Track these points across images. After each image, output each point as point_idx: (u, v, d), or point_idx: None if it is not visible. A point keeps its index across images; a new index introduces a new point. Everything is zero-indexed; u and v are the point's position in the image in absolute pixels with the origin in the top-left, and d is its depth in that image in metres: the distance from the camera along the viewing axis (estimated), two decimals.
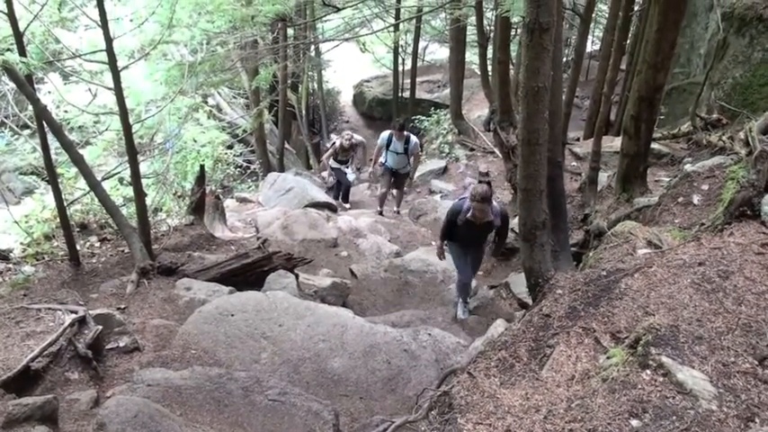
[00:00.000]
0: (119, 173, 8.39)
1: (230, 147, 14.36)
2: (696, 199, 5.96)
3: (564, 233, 6.72)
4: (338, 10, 9.67)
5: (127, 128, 6.87)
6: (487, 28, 15.87)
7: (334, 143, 13.49)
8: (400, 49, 23.11)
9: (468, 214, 6.59)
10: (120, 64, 6.72)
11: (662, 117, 11.70)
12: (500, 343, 3.99)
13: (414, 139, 11.53)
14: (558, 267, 5.32)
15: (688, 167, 6.70)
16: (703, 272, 3.75)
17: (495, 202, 6.66)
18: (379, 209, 12.45)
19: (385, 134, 11.58)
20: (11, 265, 7.41)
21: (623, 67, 14.51)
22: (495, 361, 3.75)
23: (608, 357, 3.27)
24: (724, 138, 7.73)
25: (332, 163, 13.36)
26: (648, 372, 3.01)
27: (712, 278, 3.67)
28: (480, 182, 6.77)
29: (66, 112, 8.93)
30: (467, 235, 6.97)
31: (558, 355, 3.51)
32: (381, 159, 11.75)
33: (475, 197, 6.40)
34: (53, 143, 7.14)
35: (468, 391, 3.49)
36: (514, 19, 9.91)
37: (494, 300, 7.99)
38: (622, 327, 3.49)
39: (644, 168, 7.90)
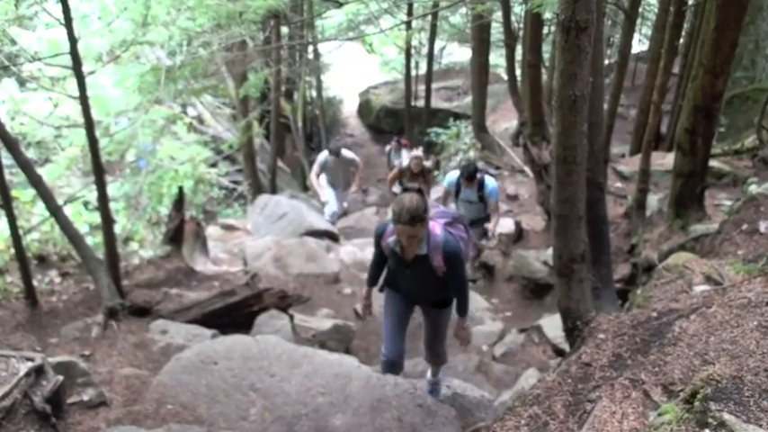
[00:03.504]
0: (83, 196, 8.45)
1: (214, 165, 14.47)
2: (763, 226, 5.96)
3: (606, 267, 6.71)
4: (340, 5, 9.71)
5: (93, 143, 6.92)
6: (516, 25, 15.96)
7: (398, 163, 12.47)
8: (413, 51, 23.30)
9: (392, 240, 5.18)
10: (85, 68, 6.79)
11: (722, 130, 11.74)
12: (532, 397, 3.98)
13: (491, 184, 9.79)
14: (599, 307, 5.31)
15: (753, 189, 6.71)
16: None
17: (438, 229, 5.11)
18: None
19: (452, 177, 10.09)
20: None
21: (676, 71, 14.56)
22: (526, 419, 3.75)
23: (659, 414, 3.26)
24: None
25: (396, 188, 12.21)
26: (708, 431, 3.00)
27: None
28: (406, 190, 5.02)
29: (22, 124, 9.03)
30: (401, 277, 5.51)
31: (600, 412, 3.50)
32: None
33: (398, 215, 4.78)
34: (7, 161, 7.20)
35: None
36: (547, 15, 9.99)
37: (524, 346, 7.97)
38: (676, 378, 3.48)
39: (701, 190, 7.91)
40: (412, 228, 4.78)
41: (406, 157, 12.74)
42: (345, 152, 13.20)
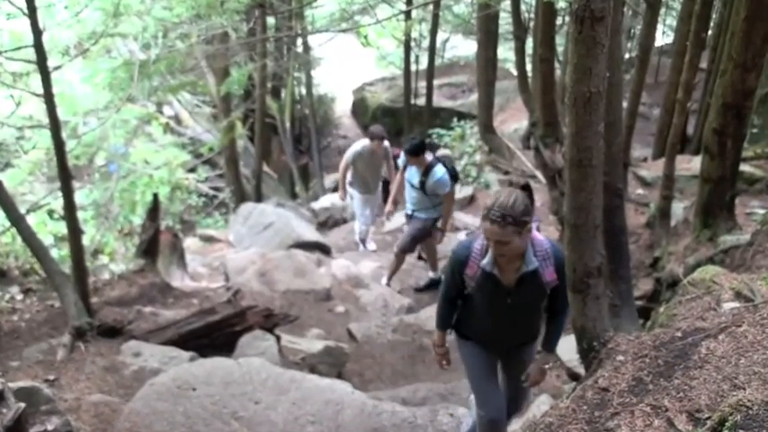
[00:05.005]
0: (48, 204, 8.46)
1: (192, 170, 14.47)
2: None
3: (626, 282, 6.72)
4: None
5: (59, 145, 6.93)
6: (526, 16, 16.04)
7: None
8: (413, 44, 23.32)
9: (486, 262, 4.49)
10: (51, 63, 6.80)
11: (754, 131, 11.76)
12: (544, 426, 3.99)
13: (439, 172, 9.44)
14: (618, 326, 5.32)
15: None
16: None
17: (538, 233, 4.70)
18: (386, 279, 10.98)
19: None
20: None
21: (703, 65, 14.60)
22: None
23: None
24: None
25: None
26: None
27: None
28: (512, 184, 4.62)
29: None
30: (485, 317, 4.85)
31: None
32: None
33: (487, 209, 4.23)
34: None
35: None
36: (561, 4, 10.02)
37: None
38: (703, 404, 3.49)
39: (731, 197, 7.91)
40: (501, 230, 4.17)
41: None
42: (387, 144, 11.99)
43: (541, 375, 5.03)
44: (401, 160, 10.00)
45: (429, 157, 9.47)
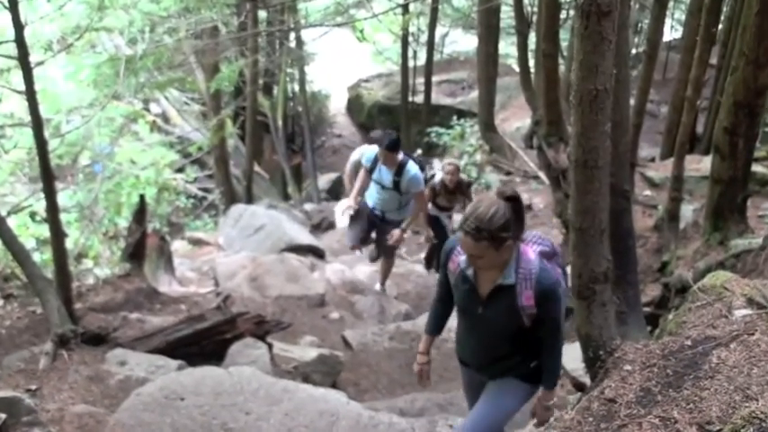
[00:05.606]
0: (30, 205, 8.44)
1: (180, 170, 14.46)
2: None
3: (633, 288, 6.71)
4: None
5: (41, 145, 6.92)
6: (528, 9, 16.05)
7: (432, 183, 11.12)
8: (411, 39, 23.36)
9: (463, 258, 4.25)
10: (33, 59, 6.79)
11: (766, 130, 11.77)
12: None
13: (413, 169, 9.30)
14: (625, 334, 5.32)
15: None
16: None
17: (532, 254, 4.23)
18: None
19: (372, 151, 9.58)
20: None
21: (713, 61, 14.62)
22: None
23: None
24: None
25: (430, 209, 11.17)
26: None
27: None
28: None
29: None
30: (466, 323, 4.61)
31: None
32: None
33: (463, 219, 3.99)
34: None
35: None
36: None
37: None
38: (714, 416, 3.49)
39: (743, 199, 7.92)
40: (475, 243, 3.91)
41: (437, 169, 11.34)
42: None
43: (546, 413, 4.65)
44: (365, 159, 9.59)
45: (400, 155, 9.27)
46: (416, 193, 9.44)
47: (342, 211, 11.06)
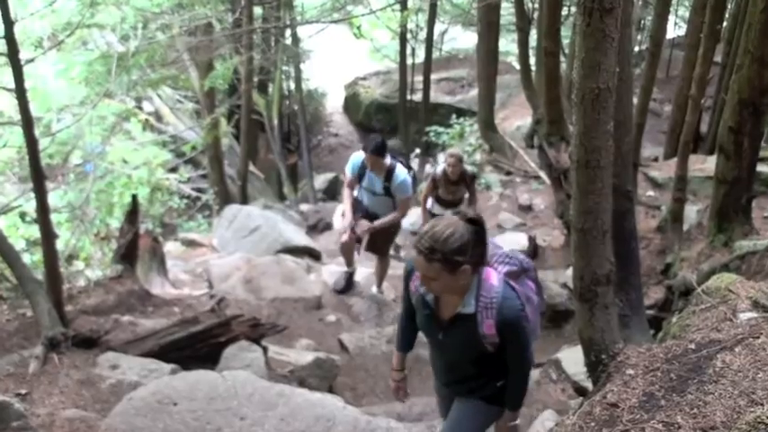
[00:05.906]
0: (20, 206, 8.44)
1: (174, 170, 14.45)
2: None
3: (636, 290, 6.71)
4: None
5: (32, 144, 6.91)
6: (529, 6, 16.06)
7: (433, 173, 11.24)
8: (409, 35, 23.35)
9: (419, 284, 4.12)
10: (23, 56, 6.78)
11: None
12: None
13: (402, 174, 9.12)
14: (628, 338, 5.32)
15: None
16: None
17: (495, 278, 4.06)
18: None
19: (357, 159, 9.43)
20: None
21: (718, 59, 14.63)
22: None
23: None
24: None
25: (431, 205, 11.27)
26: None
27: None
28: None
29: None
30: (431, 345, 4.47)
31: None
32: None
33: (417, 239, 3.82)
34: None
35: None
36: None
37: (539, 383, 7.97)
38: (718, 421, 3.49)
39: (748, 200, 7.92)
40: (427, 264, 3.73)
41: (442, 162, 11.33)
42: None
43: None
44: (352, 167, 9.39)
45: (388, 160, 9.07)
46: (402, 198, 9.30)
47: (339, 233, 10.87)
